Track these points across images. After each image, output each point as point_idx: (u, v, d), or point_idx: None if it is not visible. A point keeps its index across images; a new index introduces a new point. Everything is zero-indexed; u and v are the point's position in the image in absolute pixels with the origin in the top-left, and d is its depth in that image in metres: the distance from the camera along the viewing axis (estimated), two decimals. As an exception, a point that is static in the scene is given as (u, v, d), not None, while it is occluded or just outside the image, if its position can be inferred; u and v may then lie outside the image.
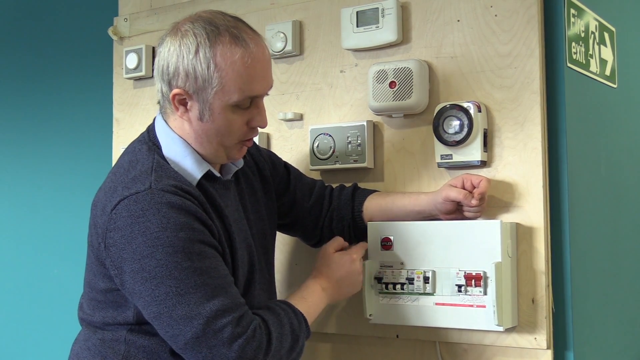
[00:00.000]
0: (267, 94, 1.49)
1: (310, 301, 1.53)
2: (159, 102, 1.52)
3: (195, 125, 1.44)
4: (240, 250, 1.49)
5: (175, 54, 1.40)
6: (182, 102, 1.43)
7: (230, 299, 1.35)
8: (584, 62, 1.81)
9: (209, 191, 1.47)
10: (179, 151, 1.46)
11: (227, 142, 1.46)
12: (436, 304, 1.64)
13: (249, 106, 1.45)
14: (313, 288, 1.57)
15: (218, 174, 1.50)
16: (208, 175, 1.48)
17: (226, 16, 1.44)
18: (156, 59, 1.46)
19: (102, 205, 1.40)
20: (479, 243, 1.59)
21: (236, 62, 1.39)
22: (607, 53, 2.00)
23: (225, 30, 1.40)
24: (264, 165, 1.71)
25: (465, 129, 1.65)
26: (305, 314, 1.48)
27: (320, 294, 1.57)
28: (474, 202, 1.58)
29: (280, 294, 1.82)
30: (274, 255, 1.71)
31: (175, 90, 1.41)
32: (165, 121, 1.49)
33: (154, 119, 1.54)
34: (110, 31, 2.30)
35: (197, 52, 1.38)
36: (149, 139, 1.49)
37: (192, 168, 1.45)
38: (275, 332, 1.38)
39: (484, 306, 1.58)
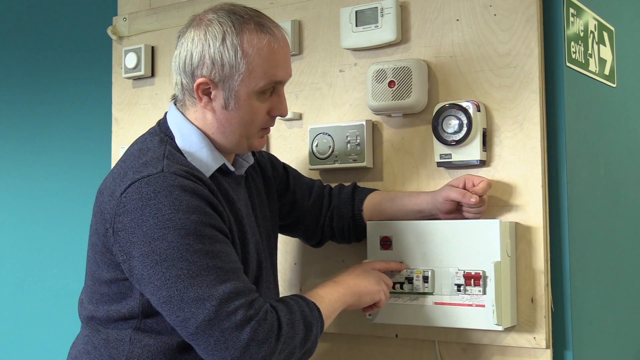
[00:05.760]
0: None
1: (323, 293, 1.49)
2: (173, 97, 1.52)
3: (220, 114, 1.44)
4: (251, 245, 1.49)
5: (201, 44, 1.41)
6: (206, 91, 1.43)
7: (242, 282, 1.33)
8: (583, 61, 1.81)
9: (222, 184, 1.46)
10: (195, 142, 1.45)
11: (249, 131, 1.47)
12: (435, 303, 1.64)
13: (271, 95, 1.46)
14: (327, 284, 1.53)
15: (232, 168, 1.51)
16: (221, 169, 1.48)
17: (246, 7, 1.47)
18: (176, 52, 1.46)
19: (111, 190, 1.38)
20: (478, 242, 1.59)
21: (263, 48, 1.41)
22: (606, 52, 2.00)
23: (250, 18, 1.43)
24: (266, 166, 1.71)
25: (465, 129, 1.65)
26: (319, 305, 1.44)
27: (333, 287, 1.52)
28: (472, 199, 1.58)
29: (282, 295, 1.82)
30: (277, 257, 1.71)
31: (200, 80, 1.42)
32: (182, 113, 1.49)
33: (166, 113, 1.53)
34: (109, 31, 2.30)
35: (224, 39, 1.40)
36: (161, 131, 1.49)
37: (207, 160, 1.45)
38: (285, 317, 1.35)
39: (483, 305, 1.58)
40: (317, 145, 1.87)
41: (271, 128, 1.96)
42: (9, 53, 2.94)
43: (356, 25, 1.82)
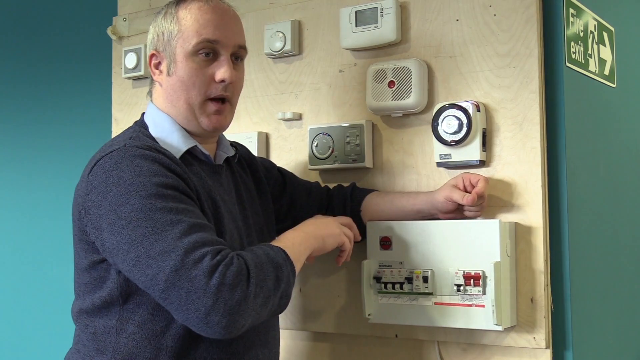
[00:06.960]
0: (240, 57, 1.53)
1: (284, 238, 1.46)
2: (149, 93, 1.58)
3: (165, 83, 1.51)
4: (229, 228, 1.48)
5: (152, 26, 1.54)
6: (156, 65, 1.53)
7: (208, 234, 1.31)
8: (583, 61, 1.81)
9: (194, 166, 1.49)
10: (167, 127, 1.50)
11: (191, 97, 1.49)
12: (435, 303, 1.64)
13: (214, 60, 1.49)
14: (287, 232, 1.51)
15: (206, 152, 1.53)
16: (198, 158, 1.51)
17: None
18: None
19: (82, 176, 1.43)
20: (478, 242, 1.60)
21: (194, 10, 1.49)
22: (606, 53, 2.00)
23: None
24: (257, 168, 1.71)
25: (464, 129, 1.65)
26: (284, 248, 1.41)
27: (294, 233, 1.50)
28: (471, 198, 1.58)
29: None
30: None
31: (150, 53, 1.53)
32: (153, 103, 1.55)
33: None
34: (109, 31, 2.30)
35: (165, 14, 1.52)
36: (136, 124, 1.55)
37: (178, 142, 1.49)
38: (251, 260, 1.31)
39: (483, 306, 1.58)
40: (317, 146, 1.87)
41: (270, 128, 1.98)
42: (8, 53, 2.93)
43: (356, 26, 1.82)
